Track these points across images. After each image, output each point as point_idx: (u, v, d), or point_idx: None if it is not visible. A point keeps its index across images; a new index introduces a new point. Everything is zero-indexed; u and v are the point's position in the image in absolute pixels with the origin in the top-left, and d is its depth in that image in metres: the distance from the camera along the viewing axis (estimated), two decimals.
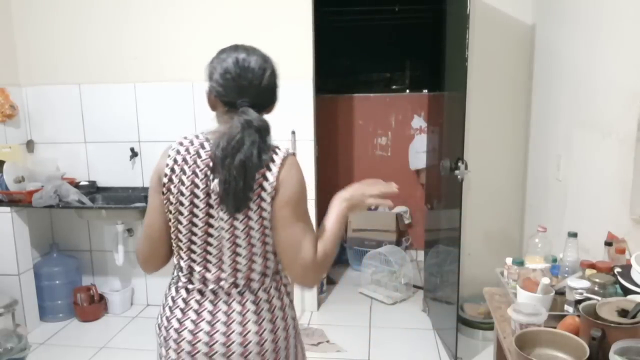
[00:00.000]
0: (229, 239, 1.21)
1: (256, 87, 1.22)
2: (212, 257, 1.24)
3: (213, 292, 1.25)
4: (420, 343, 3.01)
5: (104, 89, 3.38)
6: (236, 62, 1.22)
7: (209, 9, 3.22)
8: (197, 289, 1.26)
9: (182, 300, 1.27)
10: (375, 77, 4.66)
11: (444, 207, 3.06)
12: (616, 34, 1.93)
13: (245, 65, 1.22)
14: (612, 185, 1.91)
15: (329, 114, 4.48)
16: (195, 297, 1.26)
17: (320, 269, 1.25)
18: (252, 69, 1.22)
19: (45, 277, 3.31)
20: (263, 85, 1.23)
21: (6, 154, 3.24)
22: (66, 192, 3.01)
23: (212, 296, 1.24)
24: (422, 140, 4.27)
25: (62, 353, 2.96)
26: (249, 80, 1.21)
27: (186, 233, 1.24)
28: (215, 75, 1.24)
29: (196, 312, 1.25)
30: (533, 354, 1.26)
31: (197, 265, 1.25)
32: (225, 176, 1.16)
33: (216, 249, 1.23)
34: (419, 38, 4.44)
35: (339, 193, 1.35)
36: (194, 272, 1.26)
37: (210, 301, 1.25)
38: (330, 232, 1.28)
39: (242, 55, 1.24)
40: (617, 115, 1.88)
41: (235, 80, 1.21)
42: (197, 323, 1.24)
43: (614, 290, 1.46)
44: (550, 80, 2.71)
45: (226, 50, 1.28)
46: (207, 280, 1.25)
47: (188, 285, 1.27)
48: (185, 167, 1.22)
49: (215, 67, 1.25)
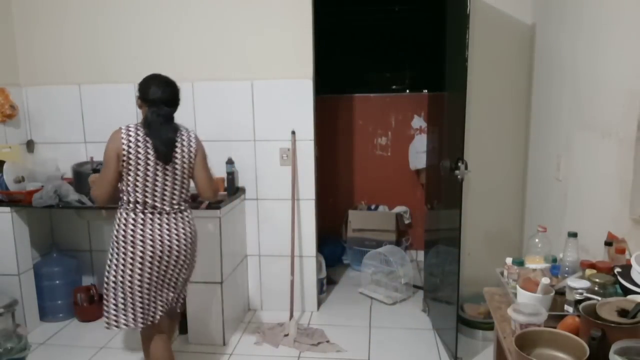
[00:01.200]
0: (167, 181, 2.17)
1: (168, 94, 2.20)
2: (158, 192, 2.15)
3: (160, 212, 2.17)
4: (420, 343, 3.01)
5: (104, 89, 3.38)
6: (162, 81, 2.23)
7: (209, 9, 3.22)
8: (150, 212, 2.15)
9: (142, 219, 2.13)
10: (375, 77, 4.66)
11: (444, 207, 3.06)
12: (616, 34, 1.93)
13: (168, 81, 2.24)
14: (612, 185, 1.91)
15: (329, 114, 4.48)
16: (150, 216, 2.15)
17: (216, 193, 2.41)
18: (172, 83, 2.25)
19: (45, 277, 3.31)
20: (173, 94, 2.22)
21: (6, 154, 3.24)
22: (66, 192, 3.01)
23: (161, 214, 2.17)
24: (422, 140, 4.27)
25: (62, 353, 2.97)
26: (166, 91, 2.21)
27: (143, 180, 2.12)
28: (144, 87, 2.20)
29: (156, 224, 2.15)
30: (533, 354, 1.26)
31: (148, 198, 2.14)
32: (160, 145, 2.11)
33: (160, 187, 2.15)
34: (419, 38, 4.44)
35: None
36: (147, 203, 2.14)
37: (159, 217, 2.16)
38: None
39: (164, 78, 2.24)
40: (617, 115, 1.88)
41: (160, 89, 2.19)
42: (160, 229, 2.16)
43: (614, 290, 1.46)
44: (550, 80, 2.71)
45: (152, 76, 2.23)
46: (156, 206, 2.16)
47: (144, 210, 2.14)
48: (139, 143, 2.11)
49: (147, 82, 2.21)
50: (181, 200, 2.23)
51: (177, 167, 2.18)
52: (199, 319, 3.01)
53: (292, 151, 3.27)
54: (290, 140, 3.27)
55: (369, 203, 4.62)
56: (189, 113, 3.32)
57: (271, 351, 2.96)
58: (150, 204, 2.14)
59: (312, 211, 3.37)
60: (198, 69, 3.29)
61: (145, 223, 2.13)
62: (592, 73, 2.13)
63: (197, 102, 3.32)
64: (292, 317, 3.22)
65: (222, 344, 3.01)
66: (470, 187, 3.14)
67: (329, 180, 4.52)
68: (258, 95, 3.28)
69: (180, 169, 2.19)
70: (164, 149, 2.11)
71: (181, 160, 2.18)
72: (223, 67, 3.27)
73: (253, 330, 3.21)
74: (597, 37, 2.10)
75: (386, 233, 4.29)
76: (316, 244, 3.44)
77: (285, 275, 3.35)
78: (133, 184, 2.11)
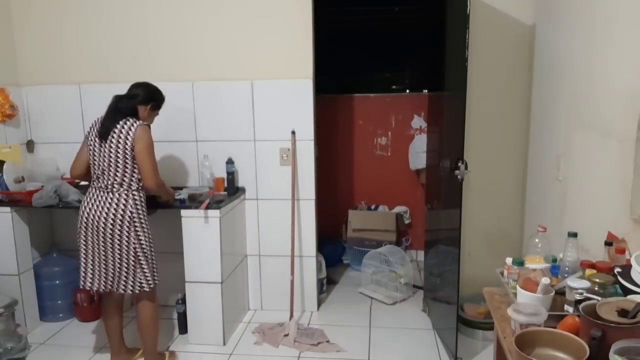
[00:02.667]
0: (103, 159, 2.49)
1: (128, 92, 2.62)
2: (97, 169, 2.52)
3: (96, 188, 2.53)
4: (420, 343, 3.01)
5: (104, 89, 3.36)
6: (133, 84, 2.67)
7: (209, 9, 3.22)
8: (92, 186, 2.56)
9: (88, 192, 2.57)
10: (375, 77, 4.65)
11: (444, 207, 3.06)
12: (616, 34, 1.93)
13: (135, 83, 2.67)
14: (612, 185, 1.91)
15: (329, 114, 4.48)
16: (90, 190, 2.56)
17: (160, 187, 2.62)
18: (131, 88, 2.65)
19: (45, 277, 3.31)
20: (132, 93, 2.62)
21: (6, 154, 3.24)
22: (66, 192, 3.01)
23: (96, 190, 2.53)
24: (422, 140, 4.27)
25: (62, 353, 2.97)
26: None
27: (91, 156, 2.54)
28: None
29: (90, 197, 2.54)
30: (533, 354, 1.26)
31: (93, 174, 2.56)
32: (101, 125, 2.52)
33: (98, 164, 2.52)
34: (419, 38, 4.43)
35: None
36: (92, 178, 2.57)
37: (93, 192, 2.54)
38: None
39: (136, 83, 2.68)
40: (617, 115, 1.88)
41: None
42: (89, 202, 2.53)
43: (614, 290, 1.46)
44: (550, 80, 2.71)
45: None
46: (94, 182, 2.55)
47: (91, 185, 2.58)
48: (95, 126, 2.56)
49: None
50: (116, 181, 2.48)
51: (112, 147, 2.46)
52: (199, 318, 3.01)
53: (292, 151, 3.27)
54: (290, 140, 3.27)
55: (369, 203, 4.62)
56: (189, 113, 3.32)
57: (271, 351, 2.96)
58: (95, 179, 2.55)
59: (312, 211, 3.37)
60: (198, 69, 3.28)
61: (87, 195, 2.57)
62: (592, 73, 2.13)
63: (197, 102, 3.32)
64: (292, 317, 3.22)
65: (222, 344, 3.01)
66: (470, 187, 3.14)
67: (329, 180, 4.52)
68: (258, 95, 3.27)
69: (114, 150, 2.46)
70: (102, 128, 2.49)
71: (117, 142, 2.45)
72: (223, 67, 3.26)
73: (253, 330, 3.21)
74: (597, 37, 2.10)
75: (386, 233, 4.29)
76: (316, 244, 3.44)
77: (285, 275, 3.35)
78: (91, 159, 2.56)
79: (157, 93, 2.67)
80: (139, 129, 2.47)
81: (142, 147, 2.47)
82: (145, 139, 2.48)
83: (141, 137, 2.47)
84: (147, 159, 2.48)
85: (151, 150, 2.50)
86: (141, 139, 2.47)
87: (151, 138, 2.52)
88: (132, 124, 2.48)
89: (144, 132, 2.49)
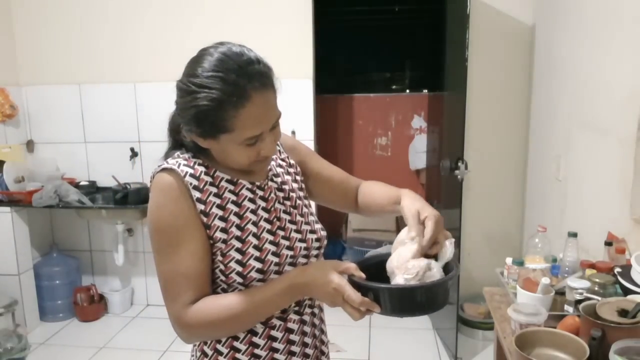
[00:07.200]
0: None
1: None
2: None
3: None
4: (420, 343, 3.01)
5: (104, 89, 3.38)
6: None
7: (209, 8, 3.22)
8: None
9: None
10: (375, 77, 4.65)
11: (444, 207, 3.05)
12: (616, 34, 1.93)
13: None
14: (612, 185, 1.91)
15: (329, 114, 4.48)
16: None
17: (189, 332, 1.03)
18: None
19: (45, 277, 3.31)
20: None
21: (6, 154, 3.24)
22: (66, 192, 3.01)
23: None
24: (422, 140, 4.27)
25: (62, 353, 2.96)
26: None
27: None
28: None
29: None
30: (533, 354, 1.26)
31: None
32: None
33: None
34: (419, 38, 4.44)
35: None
36: None
37: None
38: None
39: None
40: (617, 115, 1.88)
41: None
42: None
43: (614, 290, 1.46)
44: (550, 80, 2.71)
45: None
46: None
47: None
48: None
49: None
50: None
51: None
52: None
53: None
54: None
55: None
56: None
57: None
58: None
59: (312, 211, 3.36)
60: None
61: None
62: (592, 73, 2.13)
63: None
64: None
65: None
66: (470, 187, 3.14)
67: None
68: None
69: None
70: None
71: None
72: None
73: None
74: (596, 37, 2.10)
75: (386, 233, 4.28)
76: None
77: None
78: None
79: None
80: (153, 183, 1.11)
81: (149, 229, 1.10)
82: (150, 207, 1.08)
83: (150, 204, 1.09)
84: (157, 261, 1.06)
85: (159, 237, 1.06)
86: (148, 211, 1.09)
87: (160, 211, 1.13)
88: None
89: (153, 191, 1.09)
